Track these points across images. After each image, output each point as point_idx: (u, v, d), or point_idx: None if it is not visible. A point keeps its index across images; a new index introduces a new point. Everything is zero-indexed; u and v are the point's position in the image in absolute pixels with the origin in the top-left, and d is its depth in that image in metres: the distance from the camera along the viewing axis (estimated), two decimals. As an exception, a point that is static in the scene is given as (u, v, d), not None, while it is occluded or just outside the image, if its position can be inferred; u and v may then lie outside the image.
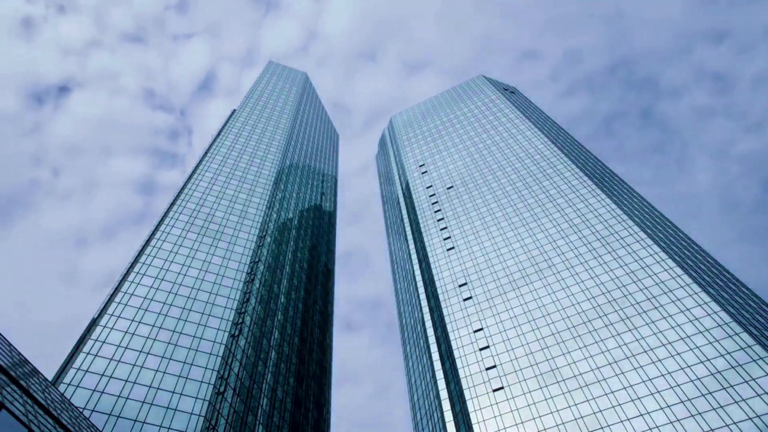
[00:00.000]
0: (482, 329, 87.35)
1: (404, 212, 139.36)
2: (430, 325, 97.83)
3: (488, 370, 79.82)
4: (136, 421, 58.44)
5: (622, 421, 64.45)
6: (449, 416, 77.59)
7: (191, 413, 61.67)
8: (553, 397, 71.53)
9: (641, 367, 69.50)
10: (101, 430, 55.67)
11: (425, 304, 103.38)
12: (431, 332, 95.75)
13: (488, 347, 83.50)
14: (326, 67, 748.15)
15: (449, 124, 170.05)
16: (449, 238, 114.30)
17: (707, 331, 69.54)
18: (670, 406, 63.32)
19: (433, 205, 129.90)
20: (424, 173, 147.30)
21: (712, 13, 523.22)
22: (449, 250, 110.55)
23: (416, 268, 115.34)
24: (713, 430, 58.83)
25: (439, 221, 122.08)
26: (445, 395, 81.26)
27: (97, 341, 65.89)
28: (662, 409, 63.43)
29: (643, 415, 63.94)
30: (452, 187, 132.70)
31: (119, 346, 66.50)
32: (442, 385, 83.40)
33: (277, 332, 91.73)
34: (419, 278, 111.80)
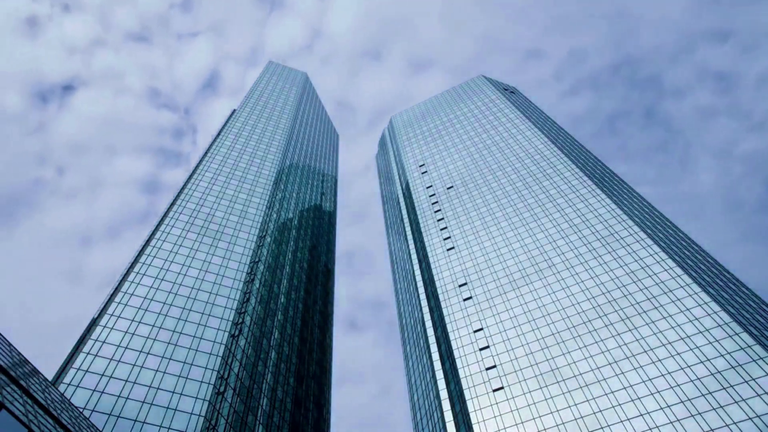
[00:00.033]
0: (482, 329, 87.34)
1: (404, 212, 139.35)
2: (430, 325, 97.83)
3: (488, 370, 79.82)
4: (136, 421, 58.44)
5: (622, 421, 64.45)
6: (449, 416, 77.59)
7: (191, 413, 61.67)
8: (553, 397, 71.53)
9: (641, 367, 69.50)
10: (101, 430, 55.66)
11: (425, 304, 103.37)
12: (431, 332, 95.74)
13: (488, 347, 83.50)
14: (330, 65, 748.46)
15: (449, 124, 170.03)
16: (449, 238, 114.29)
17: (707, 331, 69.54)
18: (670, 406, 63.32)
19: (433, 205, 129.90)
20: (424, 173, 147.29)
21: (715, 12, 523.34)
22: (449, 250, 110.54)
23: (416, 268, 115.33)
24: (713, 430, 58.83)
25: (439, 221, 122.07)
26: (445, 395, 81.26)
27: (97, 341, 65.90)
28: (662, 409, 63.43)
29: (643, 415, 63.94)
30: (452, 187, 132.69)
31: (119, 346, 66.51)
32: (442, 385, 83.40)
33: (277, 332, 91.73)
34: (419, 278, 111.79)
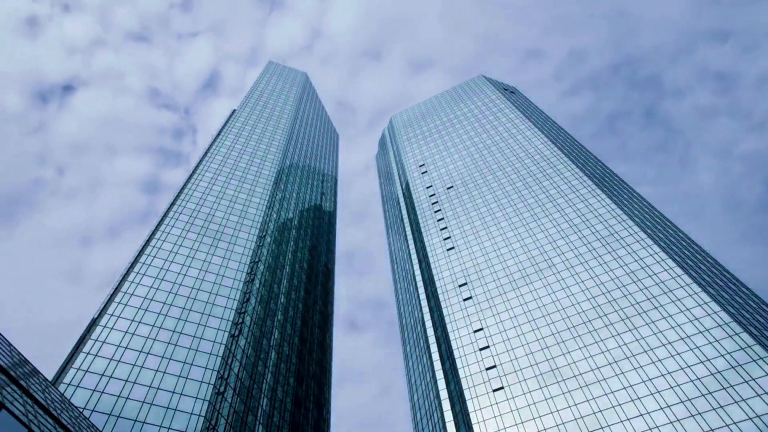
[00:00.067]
0: (482, 329, 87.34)
1: (404, 212, 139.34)
2: (430, 325, 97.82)
3: (488, 370, 79.81)
4: (136, 421, 58.44)
5: (622, 421, 64.45)
6: (449, 416, 77.58)
7: (191, 413, 61.67)
8: (553, 397, 71.53)
9: (641, 367, 69.50)
10: (101, 430, 55.66)
11: (425, 304, 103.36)
12: (431, 332, 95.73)
13: (488, 347, 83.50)
14: (331, 65, 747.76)
15: (449, 124, 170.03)
16: (449, 238, 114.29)
17: (707, 331, 69.54)
18: (670, 406, 63.32)
19: (433, 205, 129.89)
20: (424, 173, 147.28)
21: (715, 12, 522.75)
22: (449, 250, 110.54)
23: (416, 268, 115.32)
24: (713, 430, 58.83)
25: (439, 221, 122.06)
26: (445, 395, 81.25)
27: (97, 341, 65.89)
28: (662, 409, 63.43)
29: (643, 415, 63.94)
30: (452, 187, 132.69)
31: (119, 346, 66.50)
32: (442, 385, 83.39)
33: (277, 332, 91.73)
34: (419, 278, 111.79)
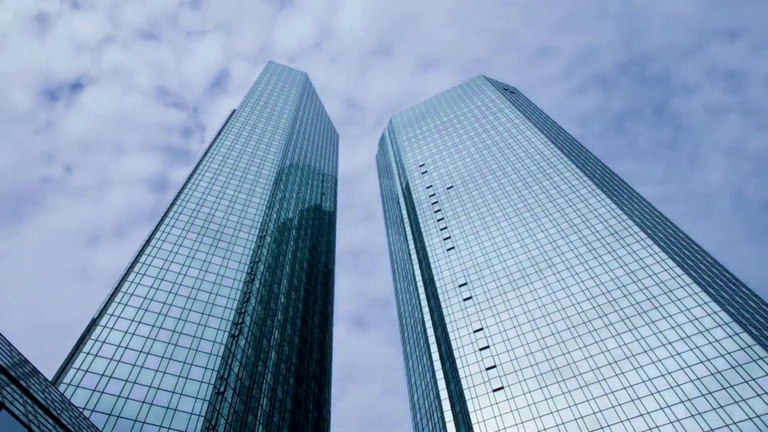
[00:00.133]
0: (482, 329, 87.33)
1: (404, 212, 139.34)
2: (430, 325, 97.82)
3: (488, 370, 79.81)
4: (136, 421, 58.44)
5: (622, 421, 64.44)
6: (449, 416, 77.58)
7: (191, 413, 61.67)
8: (553, 397, 71.52)
9: (641, 367, 69.49)
10: (101, 430, 55.66)
11: (425, 304, 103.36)
12: (431, 332, 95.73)
13: (488, 347, 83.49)
14: (339, 64, 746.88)
15: (449, 124, 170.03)
16: (449, 238, 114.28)
17: (707, 331, 69.53)
18: (670, 406, 63.32)
19: (433, 205, 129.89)
20: (424, 173, 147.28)
21: (725, 10, 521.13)
22: (449, 250, 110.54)
23: (416, 268, 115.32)
24: (713, 430, 58.83)
25: (439, 221, 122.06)
26: (445, 395, 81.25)
27: (97, 341, 65.89)
28: (662, 409, 63.43)
29: (643, 415, 63.93)
30: (452, 187, 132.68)
31: (119, 346, 66.50)
32: (442, 385, 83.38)
33: (277, 332, 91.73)
34: (419, 278, 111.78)
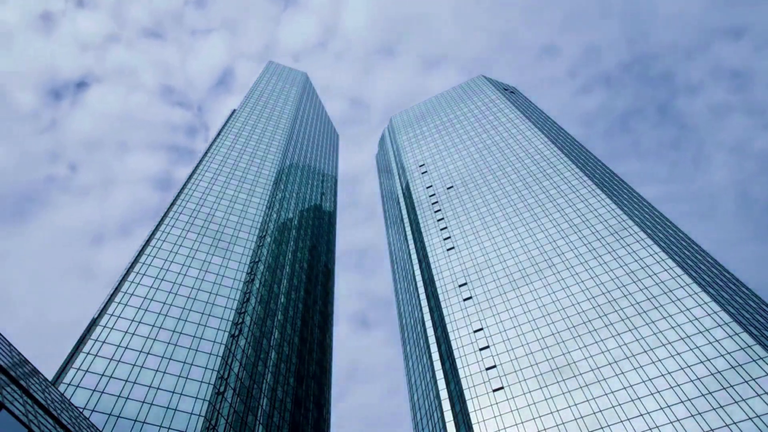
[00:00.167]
0: (482, 329, 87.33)
1: (404, 212, 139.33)
2: (430, 325, 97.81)
3: (488, 370, 79.81)
4: (136, 421, 58.44)
5: (622, 421, 64.44)
6: (449, 416, 77.58)
7: (191, 413, 61.67)
8: (553, 397, 71.52)
9: (641, 367, 69.49)
10: (101, 430, 55.66)
11: (425, 304, 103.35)
12: (431, 332, 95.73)
13: (488, 347, 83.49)
14: (344, 63, 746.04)
15: (449, 124, 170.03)
16: (449, 238, 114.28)
17: (707, 331, 69.53)
18: (670, 406, 63.32)
19: (433, 205, 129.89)
20: (424, 173, 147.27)
21: (730, 9, 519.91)
22: (449, 250, 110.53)
23: (416, 267, 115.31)
24: (713, 430, 58.83)
25: (439, 221, 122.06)
26: (445, 395, 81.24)
27: (97, 341, 65.89)
28: (662, 409, 63.42)
29: (643, 415, 63.93)
30: (452, 187, 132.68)
31: (119, 346, 66.50)
32: (442, 385, 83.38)
33: (277, 332, 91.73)
34: (419, 278, 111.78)
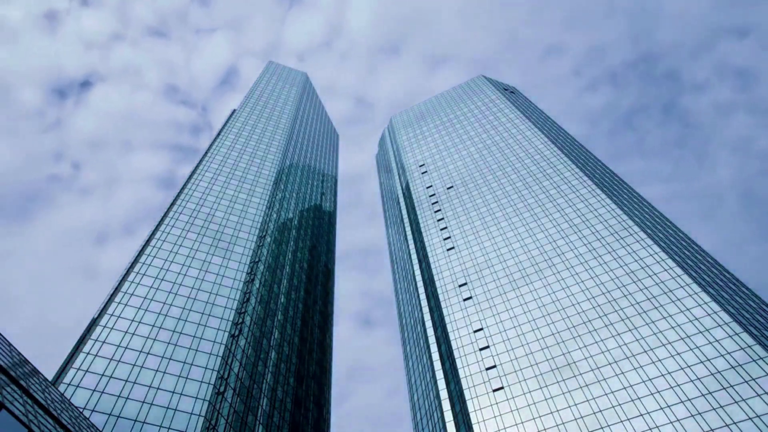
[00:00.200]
0: (482, 329, 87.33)
1: (404, 212, 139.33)
2: (430, 325, 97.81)
3: (488, 370, 79.81)
4: (136, 421, 58.43)
5: (622, 421, 64.44)
6: (449, 416, 77.58)
7: (191, 413, 61.67)
8: (553, 397, 71.52)
9: (641, 367, 69.49)
10: (101, 430, 55.66)
11: (425, 304, 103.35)
12: (431, 332, 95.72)
13: (488, 347, 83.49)
14: (348, 62, 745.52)
15: (449, 124, 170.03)
16: (449, 238, 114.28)
17: (707, 331, 69.53)
18: (670, 406, 63.32)
19: (433, 205, 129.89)
20: (424, 173, 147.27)
21: (735, 8, 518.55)
22: (449, 250, 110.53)
23: (416, 267, 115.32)
24: (713, 430, 58.83)
25: (439, 221, 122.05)
26: (445, 395, 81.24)
27: (97, 341, 65.89)
28: (662, 409, 63.42)
29: (643, 415, 63.93)
30: (452, 187, 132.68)
31: (119, 346, 66.49)
32: (442, 385, 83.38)
33: (277, 332, 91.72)
34: (419, 278, 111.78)
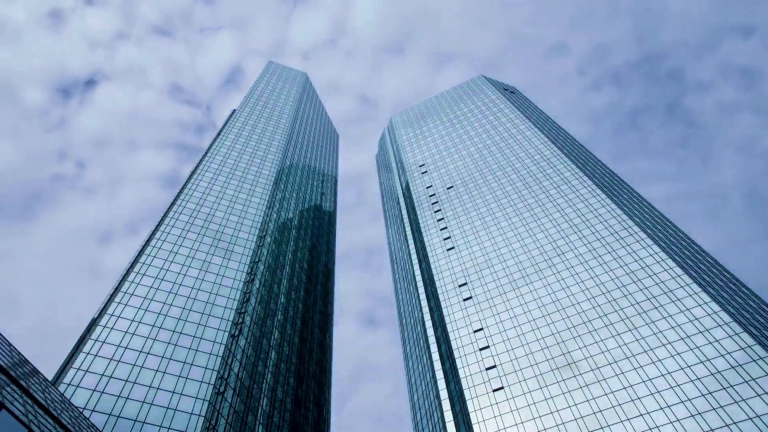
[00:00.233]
0: (482, 329, 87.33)
1: (404, 212, 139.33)
2: (430, 325, 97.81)
3: (488, 370, 79.81)
4: (136, 421, 58.43)
5: (622, 421, 64.44)
6: (449, 416, 77.57)
7: (191, 413, 61.66)
8: (553, 397, 71.52)
9: (641, 367, 69.49)
10: (101, 430, 55.66)
11: (425, 304, 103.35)
12: (431, 332, 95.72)
13: (488, 347, 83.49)
14: (353, 60, 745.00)
15: (449, 124, 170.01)
16: (449, 238, 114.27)
17: (707, 331, 69.53)
18: (670, 406, 63.32)
19: (433, 205, 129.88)
20: (424, 173, 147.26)
21: (739, 7, 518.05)
22: (449, 250, 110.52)
23: (416, 267, 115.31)
24: (713, 430, 58.83)
25: (439, 221, 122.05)
26: (445, 395, 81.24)
27: (97, 341, 65.88)
28: (662, 409, 63.42)
29: (643, 415, 63.93)
30: (452, 187, 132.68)
31: (119, 346, 66.49)
32: (442, 385, 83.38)
33: (277, 332, 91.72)
34: (419, 278, 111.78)
